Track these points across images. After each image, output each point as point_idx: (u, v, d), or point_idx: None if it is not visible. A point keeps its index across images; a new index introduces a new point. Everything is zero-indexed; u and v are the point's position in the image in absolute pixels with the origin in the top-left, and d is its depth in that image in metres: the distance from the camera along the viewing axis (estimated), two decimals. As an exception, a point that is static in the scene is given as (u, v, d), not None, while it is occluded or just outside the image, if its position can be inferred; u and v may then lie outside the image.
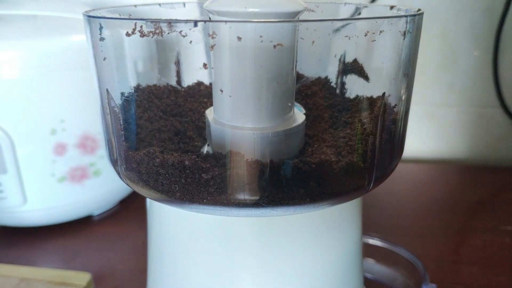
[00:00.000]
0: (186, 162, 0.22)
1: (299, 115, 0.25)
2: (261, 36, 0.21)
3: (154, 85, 0.29)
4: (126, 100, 0.26)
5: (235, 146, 0.23)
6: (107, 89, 0.24)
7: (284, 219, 0.25)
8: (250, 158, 0.22)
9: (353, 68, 0.27)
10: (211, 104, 0.27)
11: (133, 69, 0.27)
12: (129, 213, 0.54)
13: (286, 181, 0.22)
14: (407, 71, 0.24)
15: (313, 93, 0.29)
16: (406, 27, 0.22)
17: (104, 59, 0.24)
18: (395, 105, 0.25)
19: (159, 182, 0.23)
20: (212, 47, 0.22)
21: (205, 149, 0.25)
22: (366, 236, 0.41)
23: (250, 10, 0.21)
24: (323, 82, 0.30)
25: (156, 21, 0.20)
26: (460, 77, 0.65)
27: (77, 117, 0.46)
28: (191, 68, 0.31)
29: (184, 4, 0.31)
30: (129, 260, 0.45)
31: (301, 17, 0.23)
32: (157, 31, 0.21)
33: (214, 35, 0.21)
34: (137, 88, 0.28)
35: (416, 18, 0.23)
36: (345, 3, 0.31)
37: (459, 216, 0.52)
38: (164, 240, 0.28)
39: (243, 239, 0.25)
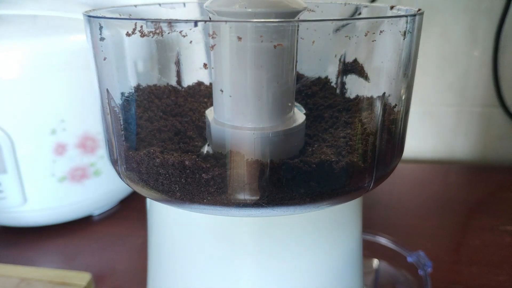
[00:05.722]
0: (186, 162, 0.22)
1: (299, 115, 0.25)
2: (261, 36, 0.21)
3: (154, 85, 0.29)
4: (126, 100, 0.26)
5: (235, 146, 0.23)
6: (107, 89, 0.24)
7: (284, 219, 0.25)
8: (250, 158, 0.22)
9: (353, 68, 0.27)
10: (211, 104, 0.27)
11: (133, 69, 0.27)
12: (129, 213, 0.54)
13: (286, 181, 0.22)
14: (407, 71, 0.24)
15: (313, 93, 0.29)
16: (406, 27, 0.22)
17: (104, 59, 0.24)
18: (395, 105, 0.25)
19: (159, 182, 0.23)
20: (212, 47, 0.22)
21: (205, 149, 0.25)
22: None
23: (250, 10, 0.21)
24: (323, 82, 0.30)
25: (156, 21, 0.20)
26: (460, 77, 0.65)
27: (77, 117, 0.46)
28: (191, 68, 0.31)
29: (184, 4, 0.31)
30: (129, 260, 0.45)
31: (301, 17, 0.23)
32: (157, 31, 0.21)
33: (214, 35, 0.21)
34: (137, 88, 0.28)
35: (416, 18, 0.23)
36: (345, 3, 0.31)
37: (458, 216, 0.52)
38: (164, 240, 0.28)
39: (243, 239, 0.25)
